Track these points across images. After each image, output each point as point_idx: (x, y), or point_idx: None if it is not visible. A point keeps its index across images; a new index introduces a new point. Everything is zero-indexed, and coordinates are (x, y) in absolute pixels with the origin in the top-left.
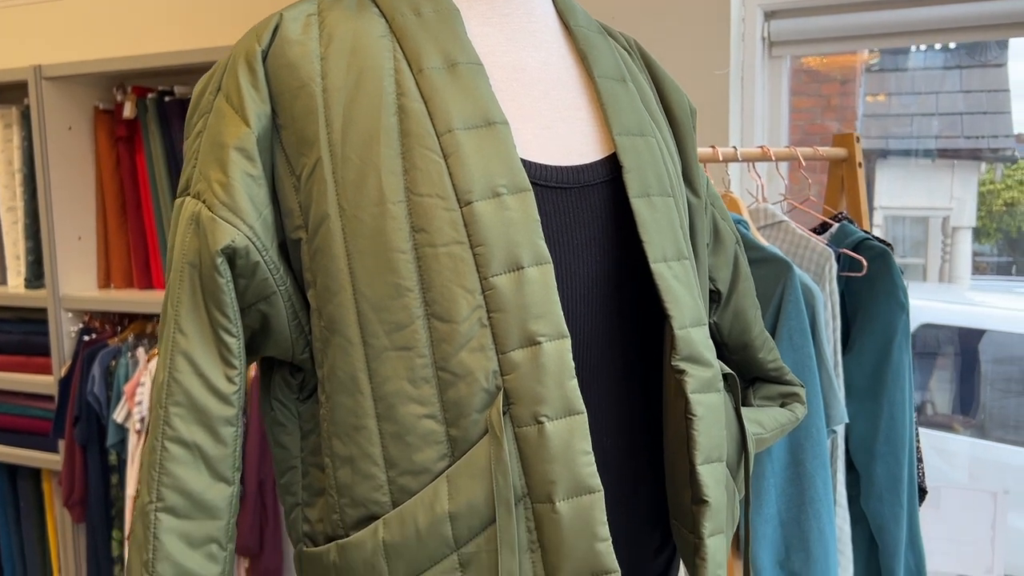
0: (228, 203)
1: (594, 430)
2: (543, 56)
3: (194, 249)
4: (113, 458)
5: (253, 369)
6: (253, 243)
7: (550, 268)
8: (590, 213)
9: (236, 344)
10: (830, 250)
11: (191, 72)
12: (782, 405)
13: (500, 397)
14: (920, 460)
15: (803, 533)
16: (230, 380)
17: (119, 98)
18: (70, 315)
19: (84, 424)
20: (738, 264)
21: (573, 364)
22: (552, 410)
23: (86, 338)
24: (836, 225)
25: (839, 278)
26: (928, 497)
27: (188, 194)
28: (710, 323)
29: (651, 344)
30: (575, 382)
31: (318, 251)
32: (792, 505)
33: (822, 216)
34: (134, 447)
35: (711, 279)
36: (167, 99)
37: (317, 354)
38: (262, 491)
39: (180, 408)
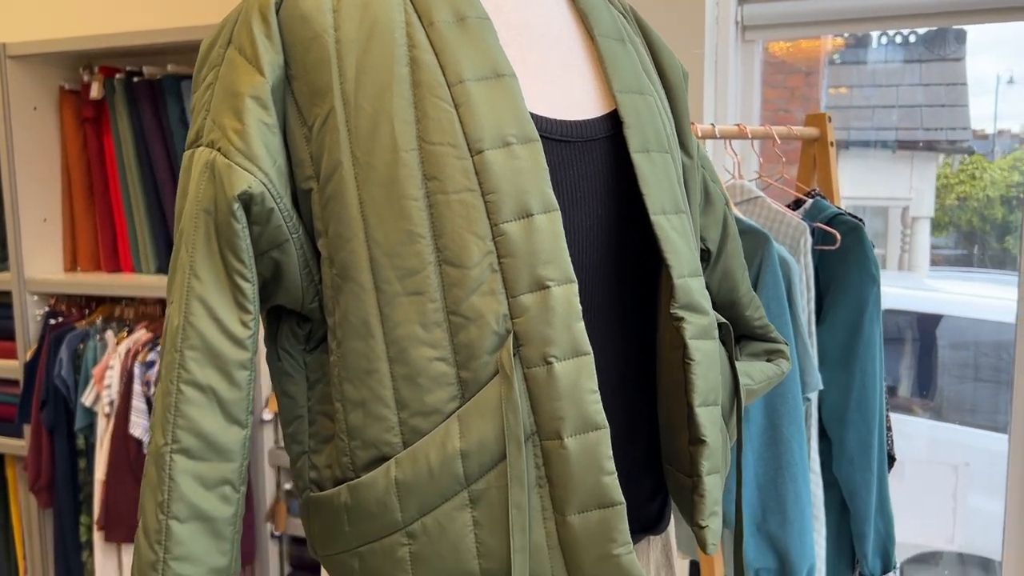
0: (244, 150)
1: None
2: (546, 14)
3: (209, 196)
4: (81, 442)
5: None
6: (268, 190)
7: (558, 216)
8: (592, 166)
9: (251, 289)
10: (805, 224)
11: (160, 53)
12: (768, 360)
13: (510, 339)
14: (889, 428)
15: (780, 496)
16: (244, 325)
17: (86, 78)
18: (35, 298)
19: (51, 408)
20: (727, 225)
21: (580, 307)
22: (560, 351)
23: (52, 321)
24: (810, 201)
25: (813, 251)
26: (892, 470)
27: (199, 145)
28: None
29: (646, 295)
30: (582, 324)
31: (330, 199)
32: (769, 469)
33: (796, 193)
34: (103, 431)
35: (702, 239)
36: (136, 80)
37: (328, 302)
38: None
39: (195, 352)
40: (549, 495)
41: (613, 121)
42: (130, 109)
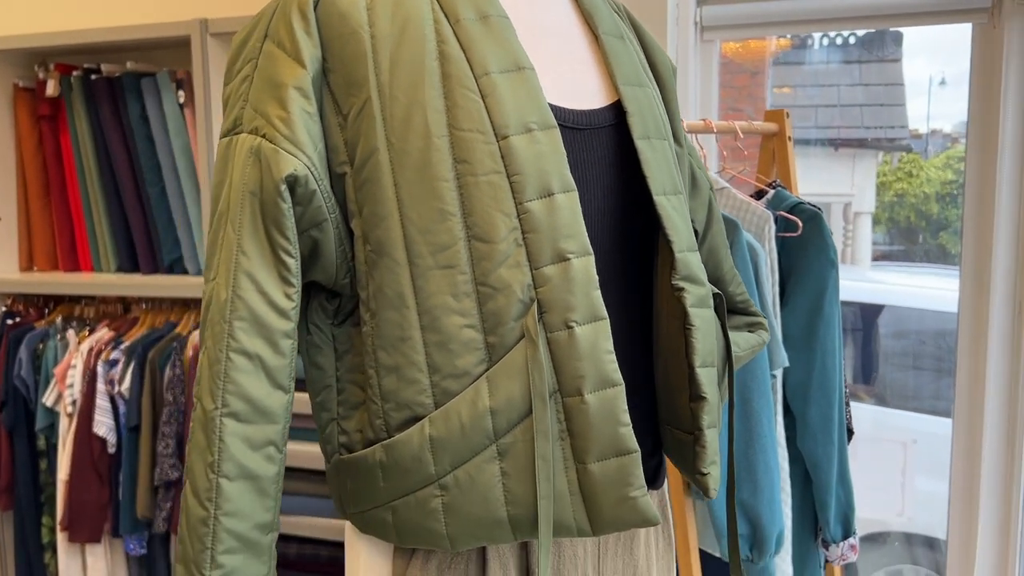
0: (289, 136)
1: None
2: (555, 14)
3: (255, 179)
4: (42, 443)
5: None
6: (311, 172)
7: (575, 195)
8: (600, 152)
9: (294, 264)
10: (768, 213)
11: (119, 50)
12: (749, 331)
13: (534, 307)
14: (848, 404)
15: (751, 466)
16: (288, 297)
17: (41, 75)
18: None
19: (11, 408)
20: (712, 208)
21: (597, 277)
22: (580, 316)
23: (10, 322)
24: (771, 192)
25: (776, 238)
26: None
27: (239, 132)
28: None
29: (644, 271)
30: (599, 292)
31: (366, 181)
32: (740, 441)
33: (758, 184)
34: (65, 430)
35: (690, 220)
36: (94, 77)
37: (361, 277)
38: None
39: (243, 322)
40: (570, 446)
41: (617, 111)
42: (88, 107)
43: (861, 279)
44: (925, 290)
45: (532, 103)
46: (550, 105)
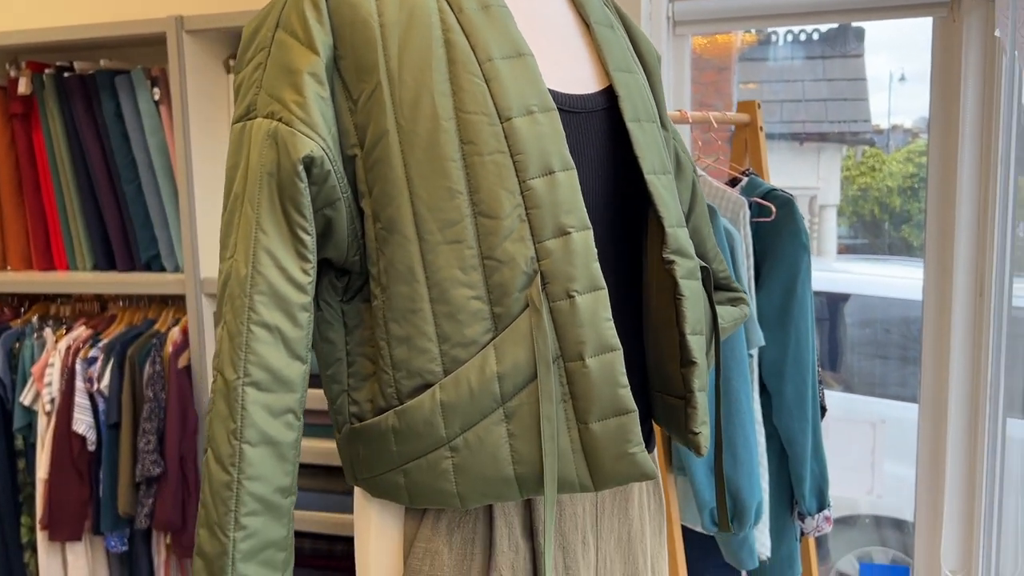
0: (305, 119)
1: None
2: (550, 6)
3: (272, 160)
4: (19, 442)
5: (183, 361)
6: (327, 154)
7: (575, 173)
8: (594, 134)
9: (310, 241)
10: (743, 199)
11: (92, 48)
12: (732, 305)
13: (538, 278)
14: (821, 382)
15: (731, 440)
16: (305, 272)
17: (13, 73)
18: None
19: None
20: (695, 188)
21: (596, 250)
22: (581, 286)
23: None
24: (745, 179)
25: (750, 223)
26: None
27: (253, 117)
28: None
29: (635, 248)
30: (598, 264)
31: (377, 162)
32: (720, 417)
33: (731, 172)
34: (44, 429)
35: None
36: (67, 75)
37: (372, 253)
38: (183, 467)
39: (263, 296)
40: (573, 408)
41: (608, 96)
42: (61, 105)
43: (827, 269)
44: (890, 279)
45: (532, 87)
46: (549, 90)
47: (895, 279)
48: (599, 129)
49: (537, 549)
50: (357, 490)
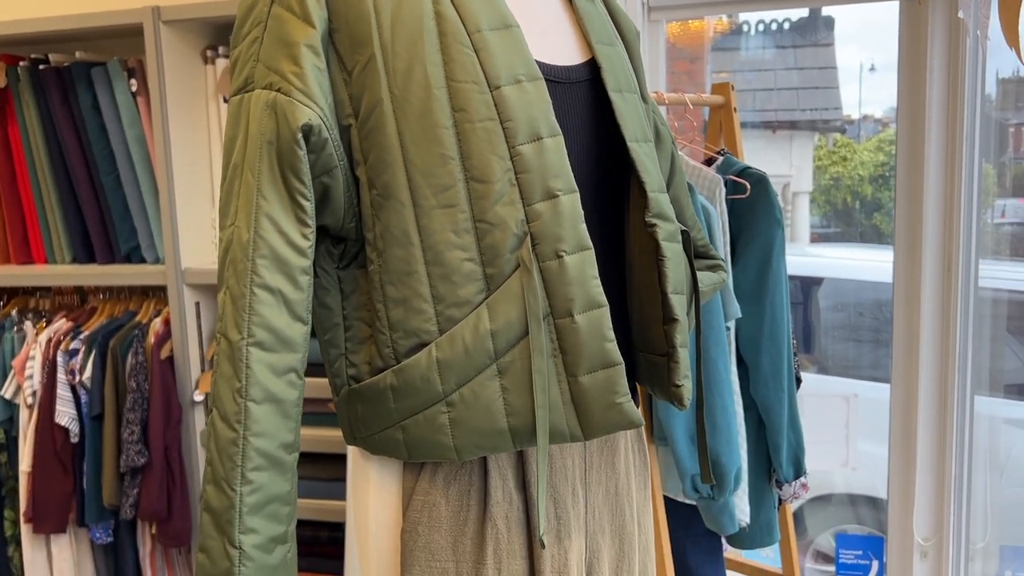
0: (303, 89)
1: None
2: None
3: (271, 129)
4: (1, 436)
5: (165, 351)
6: (324, 122)
7: (561, 139)
8: (578, 104)
9: (310, 207)
10: (719, 177)
11: (67, 40)
12: (711, 271)
13: (528, 240)
14: (796, 353)
15: (710, 409)
16: (305, 237)
17: None
18: None
19: None
20: (674, 159)
21: (582, 212)
22: (569, 246)
23: None
24: (720, 159)
25: (726, 200)
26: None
27: (251, 89)
28: None
29: (617, 215)
30: (584, 225)
31: (372, 131)
32: (698, 394)
33: (707, 153)
34: (26, 423)
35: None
36: (42, 67)
37: (368, 220)
38: (168, 456)
39: (265, 260)
40: (562, 362)
41: (591, 67)
42: (37, 97)
43: (801, 254)
44: (862, 262)
45: (520, 57)
46: (535, 60)
47: (868, 262)
48: (583, 99)
49: (530, 500)
50: (354, 450)
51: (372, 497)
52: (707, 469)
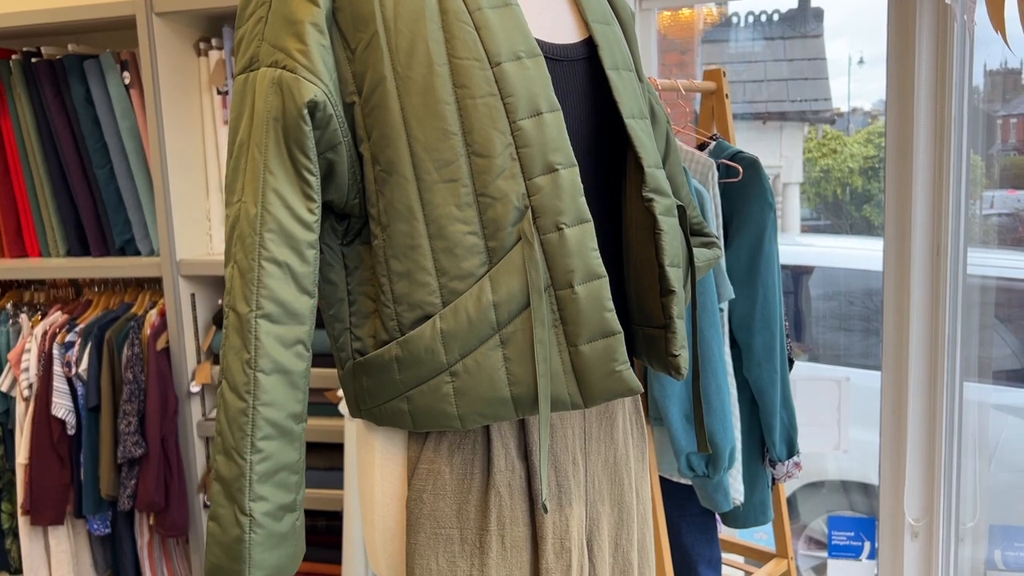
0: (309, 66)
1: None
2: None
3: (277, 106)
4: None
5: (161, 343)
6: (329, 99)
7: (560, 114)
8: (576, 81)
9: (315, 182)
10: (711, 160)
11: (59, 33)
12: (706, 248)
13: (529, 213)
14: (788, 335)
15: (704, 388)
16: (311, 211)
17: None
18: None
19: None
20: (669, 138)
21: (582, 185)
22: (569, 219)
23: None
24: (712, 143)
25: (718, 184)
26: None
27: (256, 68)
28: None
29: (614, 192)
30: (583, 198)
31: (375, 107)
32: (694, 366)
33: (699, 137)
34: (23, 415)
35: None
36: (34, 60)
37: (371, 195)
38: (165, 447)
39: (272, 234)
40: (563, 332)
41: (588, 46)
42: (30, 91)
43: (792, 243)
44: (852, 251)
45: (520, 34)
46: (535, 38)
47: (858, 251)
48: (580, 77)
49: (531, 468)
50: (359, 423)
51: (377, 467)
52: (703, 439)
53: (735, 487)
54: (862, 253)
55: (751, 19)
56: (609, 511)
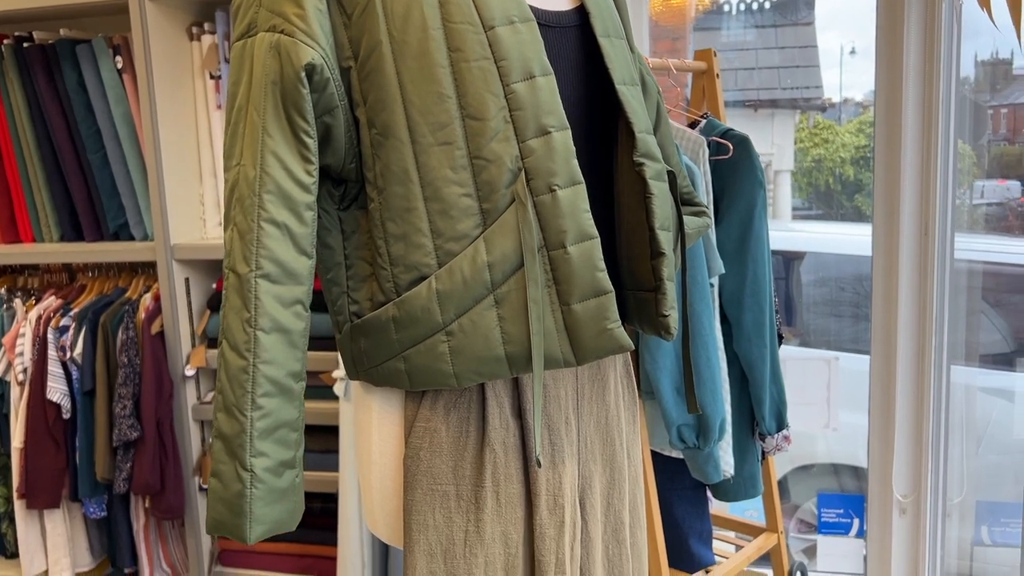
0: (306, 30)
1: None
2: None
3: (275, 70)
4: None
5: (156, 327)
6: (326, 62)
7: (553, 78)
8: (568, 48)
9: (313, 144)
10: (702, 138)
11: (50, 18)
12: (696, 216)
13: (522, 175)
14: (777, 311)
15: (695, 361)
16: (309, 173)
17: None
18: None
19: None
20: (660, 109)
21: (574, 148)
22: (561, 181)
23: None
24: (703, 121)
25: (709, 161)
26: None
27: (254, 33)
28: None
29: (605, 159)
30: (576, 161)
31: (371, 72)
32: (684, 339)
33: (690, 116)
34: (17, 399)
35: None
36: (26, 45)
37: (368, 159)
38: (160, 430)
39: (271, 195)
40: (556, 292)
41: (580, 14)
42: (22, 76)
43: (783, 229)
44: (843, 236)
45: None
46: (528, 5)
47: (849, 236)
48: (572, 44)
49: (525, 427)
50: (357, 384)
51: (375, 428)
52: (693, 400)
53: (725, 459)
54: (853, 239)
55: (742, 7)
56: (601, 471)
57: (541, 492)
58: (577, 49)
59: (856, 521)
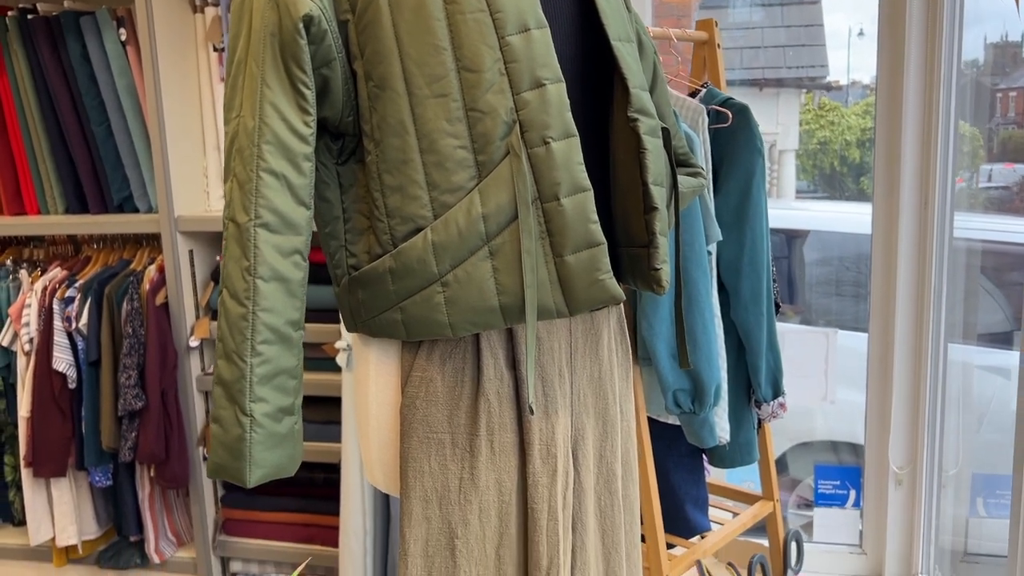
0: None
1: None
2: None
3: (273, 21)
4: None
5: (160, 298)
6: (324, 14)
7: (547, 31)
8: (564, 2)
9: (311, 95)
10: (702, 106)
11: None
12: (691, 176)
13: (517, 127)
14: (775, 280)
15: (691, 327)
16: (307, 124)
17: None
18: None
19: None
20: (656, 69)
21: (568, 101)
22: (555, 133)
23: None
24: (703, 91)
25: (708, 130)
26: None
27: None
28: None
29: (600, 117)
30: (570, 114)
31: (368, 24)
32: (677, 298)
33: (690, 85)
34: (24, 369)
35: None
36: (30, 17)
37: (365, 112)
38: (165, 400)
39: (270, 145)
40: (549, 243)
41: None
42: (26, 48)
43: (786, 207)
44: (846, 215)
45: None
46: None
47: (852, 215)
48: (568, 1)
49: (519, 378)
50: (356, 336)
51: (372, 378)
52: (685, 356)
53: (721, 425)
54: (857, 217)
55: None
56: (594, 423)
57: (534, 441)
58: (572, 5)
59: (852, 493)
